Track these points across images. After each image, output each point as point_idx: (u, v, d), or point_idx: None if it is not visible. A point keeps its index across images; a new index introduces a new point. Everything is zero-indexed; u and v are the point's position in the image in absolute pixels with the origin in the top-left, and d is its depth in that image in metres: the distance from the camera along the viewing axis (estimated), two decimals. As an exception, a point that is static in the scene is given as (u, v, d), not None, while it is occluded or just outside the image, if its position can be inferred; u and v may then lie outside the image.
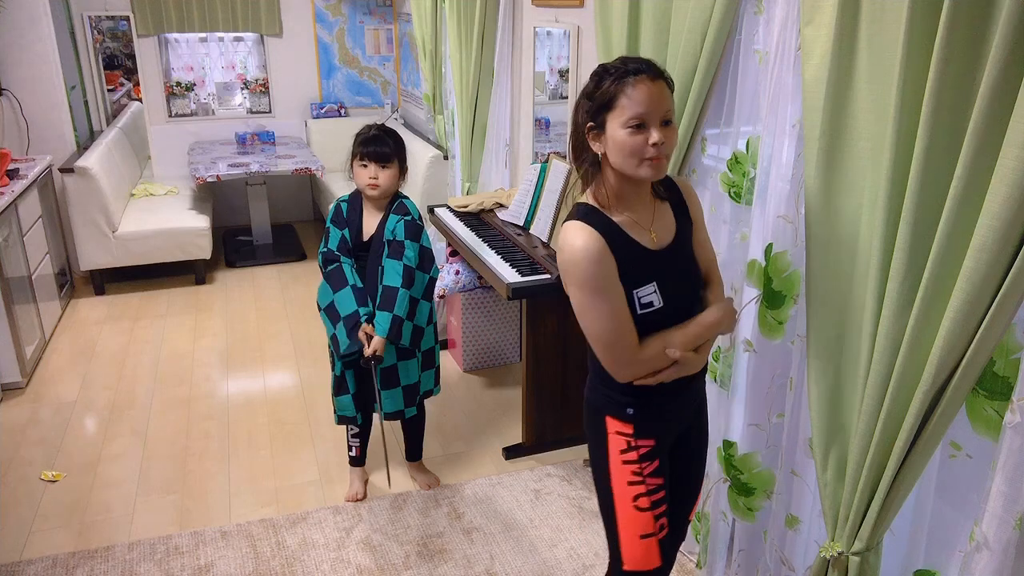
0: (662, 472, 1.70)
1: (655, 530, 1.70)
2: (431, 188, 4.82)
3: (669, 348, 1.56)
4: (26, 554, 2.52)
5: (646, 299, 1.56)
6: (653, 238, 1.60)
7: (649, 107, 1.45)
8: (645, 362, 1.57)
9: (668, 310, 1.58)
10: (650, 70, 1.47)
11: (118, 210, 4.71)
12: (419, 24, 4.62)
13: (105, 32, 5.66)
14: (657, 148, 1.46)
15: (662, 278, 1.58)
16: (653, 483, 1.69)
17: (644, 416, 1.66)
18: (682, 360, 1.57)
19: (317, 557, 2.52)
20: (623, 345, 1.54)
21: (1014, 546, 1.31)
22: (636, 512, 1.69)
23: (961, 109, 1.24)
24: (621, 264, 1.53)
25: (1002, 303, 1.21)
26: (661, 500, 1.70)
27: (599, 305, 1.52)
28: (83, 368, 3.77)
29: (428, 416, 3.34)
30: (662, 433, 1.70)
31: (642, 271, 1.56)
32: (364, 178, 2.50)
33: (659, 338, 1.57)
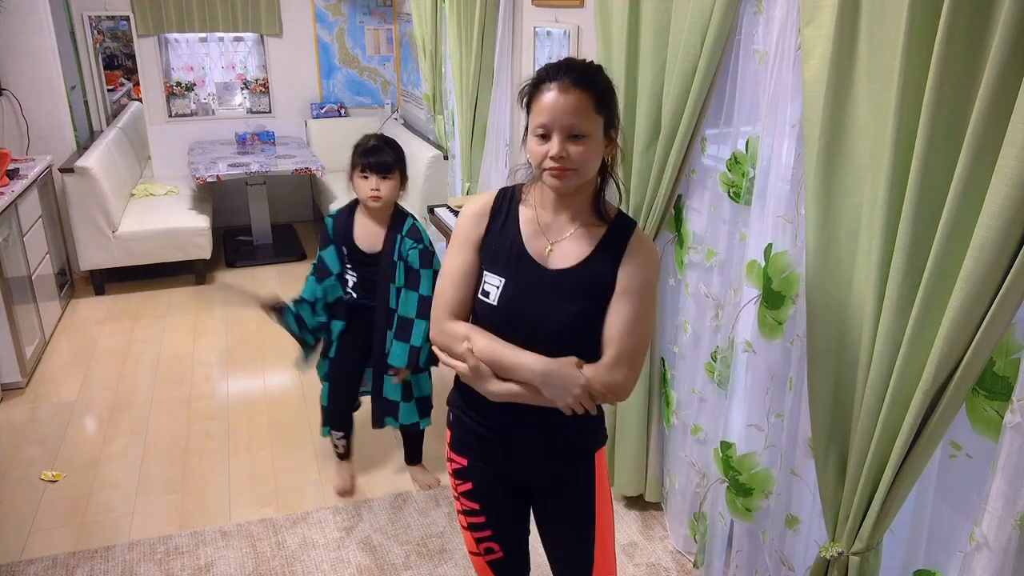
0: (479, 499, 1.62)
1: (479, 551, 1.67)
2: (431, 188, 4.82)
3: (466, 340, 1.47)
4: (26, 554, 2.52)
5: (487, 287, 1.49)
6: (546, 250, 1.47)
7: (551, 117, 1.35)
8: (444, 333, 1.50)
9: (502, 318, 1.46)
10: (566, 77, 1.36)
11: (118, 210, 4.71)
12: (419, 24, 4.62)
13: (105, 32, 5.66)
14: (555, 160, 1.36)
15: (516, 284, 1.46)
16: (467, 505, 1.63)
17: (458, 428, 1.61)
18: (468, 363, 1.45)
19: (317, 557, 2.52)
20: (440, 302, 1.52)
21: (1014, 546, 1.31)
22: (461, 528, 1.67)
23: (961, 109, 1.24)
24: (488, 239, 1.51)
25: (1002, 303, 1.21)
26: (480, 525, 1.63)
27: (450, 259, 1.54)
28: (83, 368, 3.77)
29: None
30: (480, 460, 1.60)
31: (501, 262, 1.48)
32: (366, 190, 2.47)
33: (472, 328, 1.49)
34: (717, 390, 2.23)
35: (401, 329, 2.52)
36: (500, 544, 1.66)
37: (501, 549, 1.66)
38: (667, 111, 2.14)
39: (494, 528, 1.64)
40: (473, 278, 1.51)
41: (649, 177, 2.29)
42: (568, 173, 1.39)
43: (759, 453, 2.06)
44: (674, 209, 2.35)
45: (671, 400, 2.54)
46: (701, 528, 2.35)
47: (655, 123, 2.24)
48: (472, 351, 1.46)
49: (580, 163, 1.38)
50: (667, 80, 2.14)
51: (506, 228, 1.51)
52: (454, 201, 3.66)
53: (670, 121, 2.14)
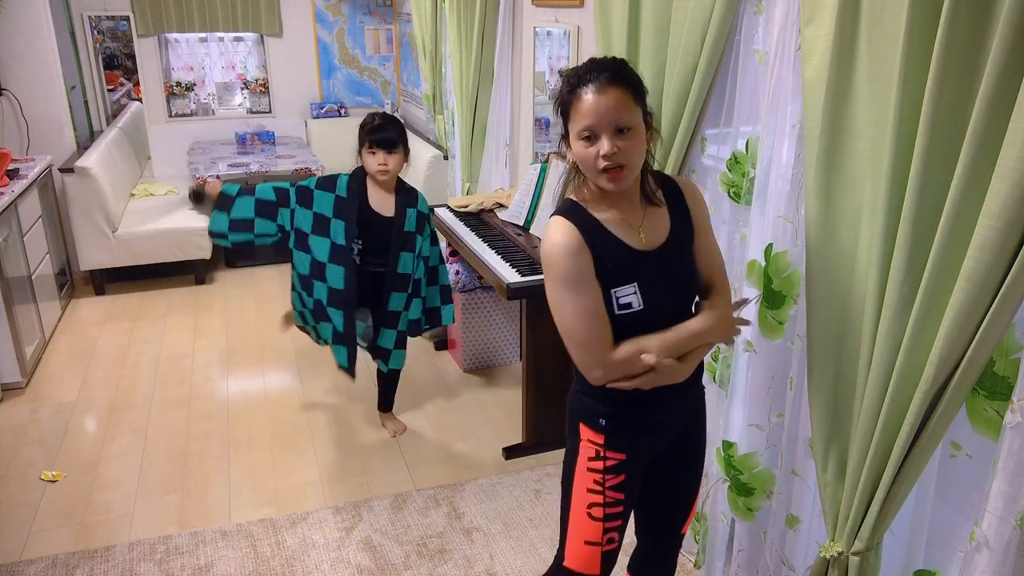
0: (626, 489, 1.65)
1: (601, 540, 1.68)
2: (431, 188, 4.82)
3: (644, 353, 1.49)
4: (26, 554, 2.52)
5: (624, 299, 1.50)
6: (641, 238, 1.54)
7: (595, 118, 1.40)
8: (616, 365, 1.50)
9: (650, 314, 1.52)
10: (599, 77, 1.41)
11: (118, 210, 4.71)
12: (419, 24, 4.62)
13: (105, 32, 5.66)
14: (608, 159, 1.41)
15: (645, 280, 1.52)
16: (612, 496, 1.65)
17: (617, 429, 1.62)
18: (659, 368, 1.49)
19: (317, 557, 2.52)
20: (594, 344, 1.50)
21: (1014, 546, 1.31)
22: (587, 519, 1.68)
23: (961, 109, 1.24)
24: (599, 261, 1.49)
25: (1002, 303, 1.21)
26: (616, 515, 1.66)
27: (573, 301, 1.49)
28: (83, 368, 3.77)
29: (427, 415, 3.37)
30: (637, 448, 1.64)
31: (622, 270, 1.51)
32: (374, 164, 2.74)
33: (635, 342, 1.50)
34: (718, 390, 2.23)
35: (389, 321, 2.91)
36: (620, 534, 1.69)
37: (619, 539, 1.70)
38: (667, 111, 2.14)
39: (624, 519, 1.69)
40: (604, 307, 1.51)
41: (649, 177, 2.29)
42: (623, 172, 1.44)
43: (760, 453, 2.06)
44: (674, 209, 2.35)
45: (671, 400, 2.54)
46: (702, 528, 2.35)
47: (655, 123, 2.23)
48: (655, 358, 1.49)
49: (630, 156, 1.43)
50: (667, 80, 2.13)
51: (605, 242, 1.51)
52: (454, 201, 3.67)
53: (670, 121, 2.14)
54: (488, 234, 3.25)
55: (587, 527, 1.68)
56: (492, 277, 2.90)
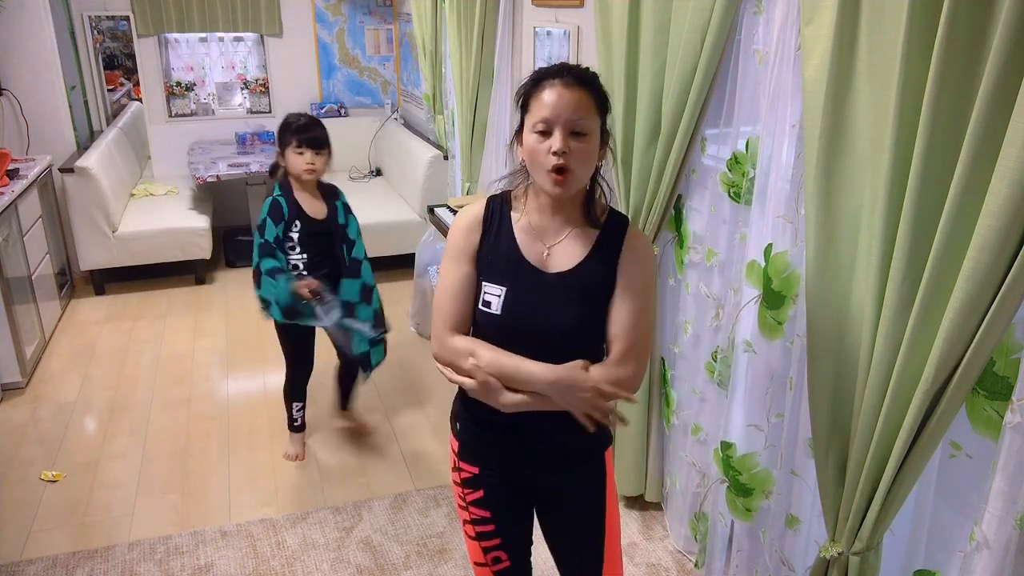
0: (490, 507, 1.60)
1: (486, 561, 1.64)
2: (431, 188, 4.82)
3: (474, 355, 1.44)
4: (26, 554, 2.52)
5: (488, 297, 1.47)
6: (544, 256, 1.48)
7: (554, 112, 1.36)
8: (449, 349, 1.47)
9: (507, 326, 1.45)
10: (568, 75, 1.38)
11: (118, 210, 4.71)
12: (419, 24, 4.62)
13: (105, 32, 5.66)
14: (558, 156, 1.35)
15: (518, 292, 1.45)
16: (477, 513, 1.61)
17: (467, 437, 1.59)
18: (478, 378, 1.43)
19: (317, 557, 2.52)
20: (440, 317, 1.49)
21: (1014, 546, 1.31)
22: (467, 538, 1.65)
23: (961, 109, 1.24)
24: (484, 249, 1.49)
25: (1002, 303, 1.21)
26: (489, 534, 1.61)
27: (445, 271, 1.51)
28: (83, 368, 3.77)
29: (427, 415, 3.38)
30: (491, 467, 1.59)
31: (500, 271, 1.47)
32: (301, 164, 2.68)
33: (476, 342, 1.47)
34: (717, 390, 2.23)
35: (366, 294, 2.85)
36: (508, 553, 1.63)
37: (508, 558, 1.64)
38: (667, 111, 2.14)
39: (503, 536, 1.63)
40: (472, 290, 1.49)
41: (649, 177, 2.29)
42: (568, 177, 1.38)
43: (759, 453, 2.06)
44: (674, 209, 2.35)
45: (671, 400, 2.54)
46: (702, 528, 2.35)
47: (655, 123, 2.23)
48: (479, 366, 1.44)
49: (579, 162, 1.38)
50: (667, 80, 2.13)
51: (501, 236, 1.49)
52: (454, 201, 3.66)
53: (670, 121, 2.14)
54: (488, 234, 3.24)
55: (471, 547, 1.66)
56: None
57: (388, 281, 4.86)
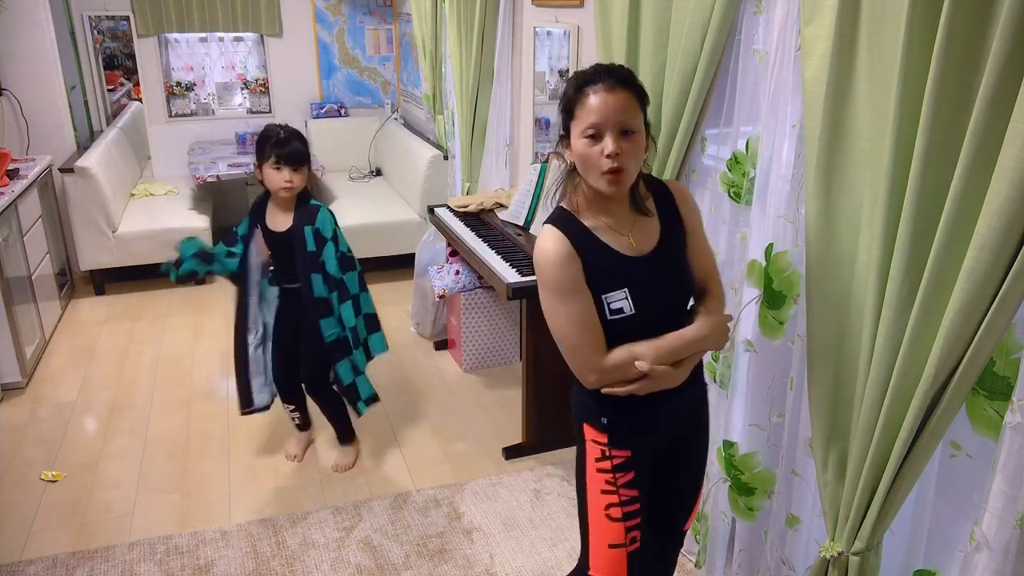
0: (638, 484, 1.66)
1: (624, 541, 1.67)
2: (431, 188, 4.81)
3: (637, 360, 1.52)
4: (26, 554, 2.52)
5: (616, 305, 1.53)
6: (631, 243, 1.56)
7: (602, 116, 1.42)
8: (610, 370, 1.53)
9: (642, 318, 1.54)
10: (609, 78, 1.44)
11: (118, 210, 4.71)
12: (419, 24, 4.62)
13: (105, 32, 5.67)
14: (612, 159, 1.43)
15: (636, 285, 1.54)
16: (626, 495, 1.65)
17: (618, 427, 1.63)
18: (652, 375, 1.52)
19: (317, 557, 2.52)
20: (586, 350, 1.53)
21: (1014, 546, 1.31)
22: (607, 521, 1.67)
23: (961, 109, 1.24)
24: (589, 268, 1.52)
25: (1002, 303, 1.21)
26: (634, 513, 1.66)
27: (565, 308, 1.52)
28: (83, 368, 3.77)
29: (426, 415, 3.38)
30: (641, 445, 1.66)
31: (612, 276, 1.53)
32: (279, 181, 2.55)
33: (628, 348, 1.53)
34: (719, 390, 2.23)
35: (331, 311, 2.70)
36: (642, 532, 1.68)
37: (641, 538, 1.69)
38: (667, 111, 2.14)
39: (643, 516, 1.68)
40: (595, 313, 1.53)
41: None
42: (623, 176, 1.45)
43: (761, 453, 2.06)
44: (674, 209, 2.35)
45: (671, 400, 2.54)
46: (702, 528, 2.35)
47: (655, 123, 2.24)
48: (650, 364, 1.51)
49: (632, 159, 1.45)
50: (667, 80, 2.13)
51: (594, 249, 1.54)
52: (454, 201, 3.66)
53: (670, 121, 2.14)
54: (488, 234, 3.25)
55: (608, 530, 1.68)
56: (492, 277, 2.90)
57: (388, 281, 4.86)
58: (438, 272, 3.62)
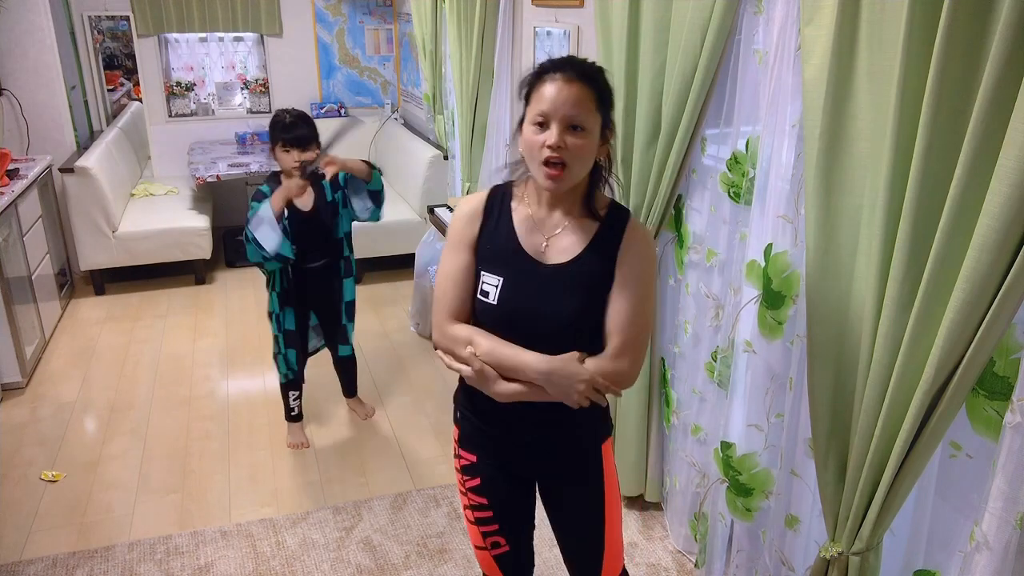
0: (486, 494, 1.62)
1: (485, 545, 1.67)
2: (431, 188, 4.82)
3: (470, 344, 1.46)
4: (26, 554, 2.52)
5: (485, 287, 1.48)
6: (542, 247, 1.48)
7: (552, 105, 1.35)
8: (448, 337, 1.49)
9: (502, 315, 1.46)
10: (570, 70, 1.37)
11: (118, 210, 4.71)
12: (419, 24, 4.62)
13: (105, 32, 5.67)
14: (552, 150, 1.35)
15: (514, 282, 1.46)
16: (475, 500, 1.64)
17: (466, 425, 1.62)
18: (471, 365, 1.44)
19: (317, 557, 2.52)
20: (441, 306, 1.51)
21: (1014, 546, 1.31)
22: (467, 522, 1.68)
23: (961, 109, 1.24)
24: (482, 237, 1.51)
25: (1002, 303, 1.21)
26: (487, 519, 1.64)
27: (446, 259, 1.54)
28: (83, 368, 3.77)
29: (427, 415, 3.39)
30: (489, 456, 1.61)
31: (497, 260, 1.49)
32: (289, 162, 2.74)
33: (475, 331, 1.48)
34: (717, 390, 2.23)
35: None
36: (506, 538, 1.66)
37: (507, 543, 1.67)
38: (667, 111, 2.14)
39: (500, 523, 1.65)
40: (471, 279, 1.51)
41: (649, 177, 2.29)
42: (563, 172, 1.38)
43: (759, 453, 2.06)
44: (674, 209, 2.35)
45: (671, 400, 2.54)
46: (701, 528, 2.35)
47: (655, 123, 2.23)
48: (476, 354, 1.45)
49: (576, 156, 1.37)
50: (667, 80, 2.13)
51: (500, 226, 1.51)
52: (454, 201, 3.66)
53: (670, 121, 2.14)
54: (488, 234, 3.24)
55: (470, 531, 1.69)
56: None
57: (388, 281, 4.87)
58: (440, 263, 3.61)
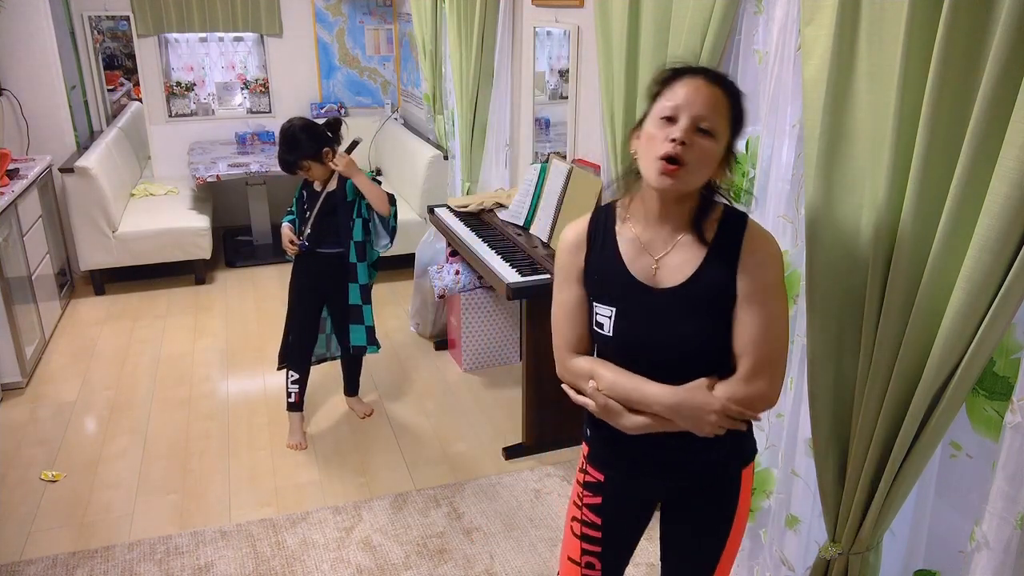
0: (603, 514, 1.58)
1: (579, 561, 1.62)
2: (431, 188, 4.81)
3: (592, 378, 1.42)
4: (26, 554, 2.52)
5: (599, 319, 1.43)
6: (653, 270, 1.39)
7: (686, 100, 1.28)
8: (570, 371, 1.47)
9: (620, 347, 1.41)
10: (712, 75, 1.32)
11: (118, 210, 4.71)
12: (419, 24, 4.62)
13: (105, 32, 5.67)
14: (674, 145, 1.26)
15: (629, 312, 1.40)
16: (588, 517, 1.59)
17: (598, 443, 1.57)
18: (595, 400, 1.41)
19: (317, 557, 2.52)
20: (560, 341, 1.49)
21: (1014, 546, 1.31)
22: (570, 533, 1.64)
23: (961, 109, 1.24)
24: (589, 267, 1.45)
25: (1002, 303, 1.21)
26: (593, 539, 1.59)
27: (558, 291, 1.50)
28: (83, 368, 3.77)
29: (427, 415, 3.38)
30: (617, 477, 1.55)
31: (607, 290, 1.42)
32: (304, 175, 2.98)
33: (598, 363, 1.44)
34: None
35: None
36: (603, 563, 1.62)
37: (601, 568, 1.62)
38: (667, 111, 2.14)
39: (604, 546, 1.60)
40: (584, 311, 1.45)
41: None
42: (679, 171, 1.28)
43: (760, 453, 2.06)
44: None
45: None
46: (701, 528, 2.35)
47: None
48: (599, 389, 1.41)
49: (697, 158, 1.28)
50: (667, 80, 2.13)
51: (606, 252, 1.43)
52: (454, 201, 3.66)
53: (670, 121, 2.13)
54: (488, 234, 3.25)
55: (570, 542, 1.65)
56: (492, 277, 2.90)
57: (388, 281, 4.86)
58: (438, 272, 3.62)
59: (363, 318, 3.07)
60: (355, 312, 3.06)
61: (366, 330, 3.09)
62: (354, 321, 3.08)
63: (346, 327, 3.10)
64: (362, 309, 3.06)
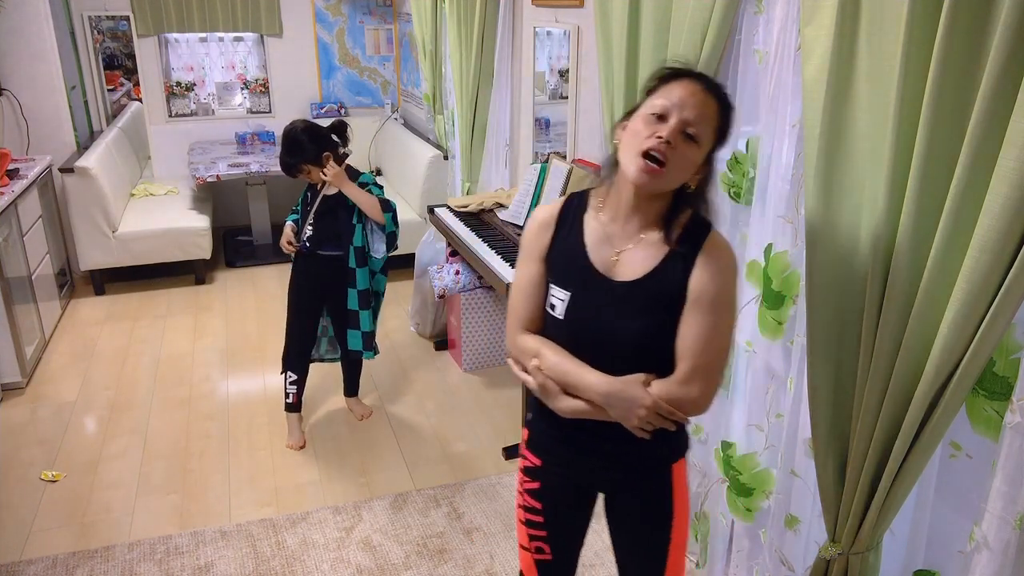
0: (543, 499, 1.60)
1: (529, 547, 1.65)
2: (431, 188, 4.82)
3: (536, 356, 1.45)
4: (26, 554, 2.52)
5: (553, 300, 1.45)
6: (612, 261, 1.42)
7: (679, 101, 1.30)
8: (517, 347, 1.49)
9: (568, 331, 1.43)
10: (709, 83, 1.34)
11: (118, 210, 4.71)
12: (419, 24, 4.62)
13: (105, 32, 5.66)
14: (658, 143, 1.28)
15: (582, 298, 1.42)
16: (529, 502, 1.62)
17: (536, 429, 1.60)
18: (535, 378, 1.44)
19: (317, 557, 2.52)
20: (513, 316, 1.51)
21: (1014, 546, 1.31)
22: (519, 521, 1.67)
23: (961, 109, 1.24)
24: (553, 248, 1.47)
25: (1002, 303, 1.21)
26: (536, 524, 1.62)
27: (519, 268, 1.52)
28: (83, 368, 3.77)
29: (427, 415, 3.37)
30: (554, 463, 1.58)
31: (565, 274, 1.45)
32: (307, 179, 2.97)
33: (544, 343, 1.46)
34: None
35: None
36: (551, 547, 1.64)
37: (551, 552, 1.64)
38: (667, 111, 2.14)
39: (549, 530, 1.63)
40: (542, 290, 1.47)
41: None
42: (659, 171, 1.30)
43: (759, 453, 2.06)
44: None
45: (671, 400, 2.54)
46: (702, 528, 2.35)
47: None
48: (540, 368, 1.44)
49: (677, 161, 1.31)
50: (667, 80, 2.13)
51: (571, 237, 1.45)
52: (454, 201, 3.66)
53: (670, 121, 2.13)
54: (488, 234, 3.25)
55: (519, 529, 1.68)
56: (492, 277, 2.90)
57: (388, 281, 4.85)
58: (438, 272, 3.62)
59: (360, 323, 3.07)
60: (353, 317, 3.07)
61: (363, 335, 3.09)
62: (352, 326, 3.08)
63: (344, 331, 3.10)
64: (359, 314, 3.06)
